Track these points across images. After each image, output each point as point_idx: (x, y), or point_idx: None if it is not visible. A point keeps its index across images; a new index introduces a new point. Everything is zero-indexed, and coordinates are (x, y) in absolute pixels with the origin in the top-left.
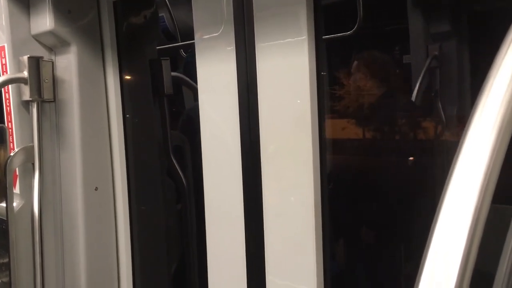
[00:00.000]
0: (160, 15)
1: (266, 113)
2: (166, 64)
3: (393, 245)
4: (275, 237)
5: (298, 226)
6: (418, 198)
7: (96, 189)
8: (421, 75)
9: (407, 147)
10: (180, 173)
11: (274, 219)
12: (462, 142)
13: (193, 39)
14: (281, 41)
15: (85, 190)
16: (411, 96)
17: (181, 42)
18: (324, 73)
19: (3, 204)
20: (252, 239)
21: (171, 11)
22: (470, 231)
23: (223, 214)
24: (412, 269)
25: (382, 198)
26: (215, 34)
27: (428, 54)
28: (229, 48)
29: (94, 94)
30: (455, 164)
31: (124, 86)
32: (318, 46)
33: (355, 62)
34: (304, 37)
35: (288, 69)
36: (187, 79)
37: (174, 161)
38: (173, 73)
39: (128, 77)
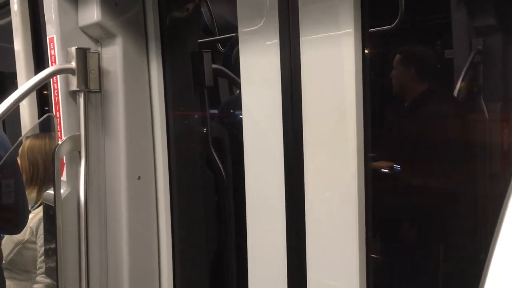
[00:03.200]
0: None
1: (310, 106)
2: (207, 56)
3: (442, 244)
4: (317, 232)
5: (341, 221)
6: (470, 198)
7: (139, 178)
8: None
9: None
10: (221, 165)
11: (316, 214)
12: None
13: (230, 33)
14: (327, 34)
15: (129, 179)
16: None
17: (218, 36)
18: (369, 67)
19: (51, 191)
20: (293, 234)
21: (209, 5)
22: None
23: (264, 208)
24: (462, 270)
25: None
26: (259, 27)
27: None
28: (273, 41)
29: (138, 85)
30: None
31: (166, 77)
32: (364, 39)
33: None
34: (351, 30)
35: (334, 63)
36: (228, 71)
37: (214, 152)
38: (214, 65)
39: (170, 68)
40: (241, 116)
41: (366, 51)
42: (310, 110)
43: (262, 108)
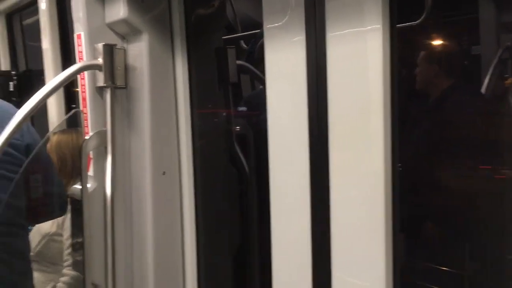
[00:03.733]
0: None
1: (336, 102)
2: (231, 52)
3: (474, 242)
4: (342, 230)
5: (367, 219)
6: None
7: (164, 173)
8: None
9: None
10: (245, 161)
11: (341, 211)
12: None
13: (253, 30)
14: (353, 30)
15: (154, 174)
16: None
17: (242, 33)
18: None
19: (78, 186)
20: (318, 231)
21: (233, 2)
22: None
23: (289, 206)
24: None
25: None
26: (284, 22)
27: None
28: (299, 37)
29: (163, 81)
30: None
31: (191, 74)
32: (393, 35)
33: None
34: (379, 25)
35: (361, 59)
36: (253, 68)
37: (239, 149)
38: (238, 62)
39: (195, 65)
40: (265, 113)
41: (394, 47)
42: (336, 106)
43: (287, 104)
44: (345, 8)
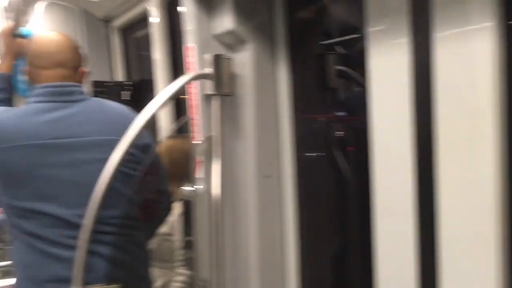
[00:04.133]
0: None
1: (443, 105)
2: (332, 58)
3: None
4: (450, 239)
5: (479, 227)
6: None
7: (267, 176)
8: None
9: None
10: (346, 167)
11: (450, 219)
12: None
13: (350, 35)
14: (461, 29)
15: (258, 177)
16: None
17: (341, 37)
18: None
19: (188, 188)
20: (424, 240)
21: (333, 7)
22: None
23: (393, 216)
24: None
25: None
26: (388, 25)
27: None
28: (404, 38)
29: (267, 88)
30: None
31: (293, 79)
32: (506, 33)
33: None
34: (490, 23)
35: (469, 59)
36: (352, 72)
37: (339, 154)
38: (338, 67)
39: (296, 71)
40: (367, 118)
41: (508, 46)
42: (443, 109)
43: (391, 109)
44: (452, 7)
